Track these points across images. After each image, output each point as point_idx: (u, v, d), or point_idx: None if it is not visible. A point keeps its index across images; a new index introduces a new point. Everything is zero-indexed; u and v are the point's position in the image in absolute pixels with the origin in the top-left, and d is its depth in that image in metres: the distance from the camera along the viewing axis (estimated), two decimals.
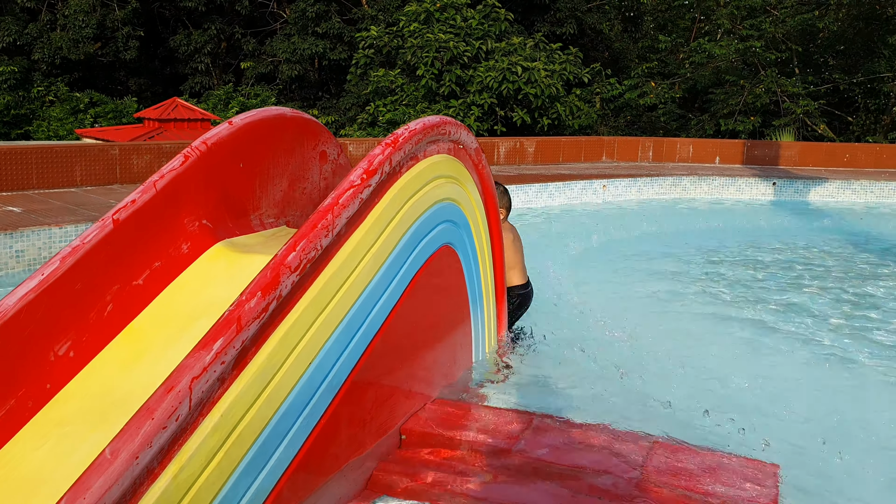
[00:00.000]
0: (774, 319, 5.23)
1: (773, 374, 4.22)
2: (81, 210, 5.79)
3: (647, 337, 4.66)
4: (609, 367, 4.14)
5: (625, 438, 3.01)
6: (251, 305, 2.21)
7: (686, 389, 3.95)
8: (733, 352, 4.62)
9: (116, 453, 1.84)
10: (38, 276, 2.45)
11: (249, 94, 21.09)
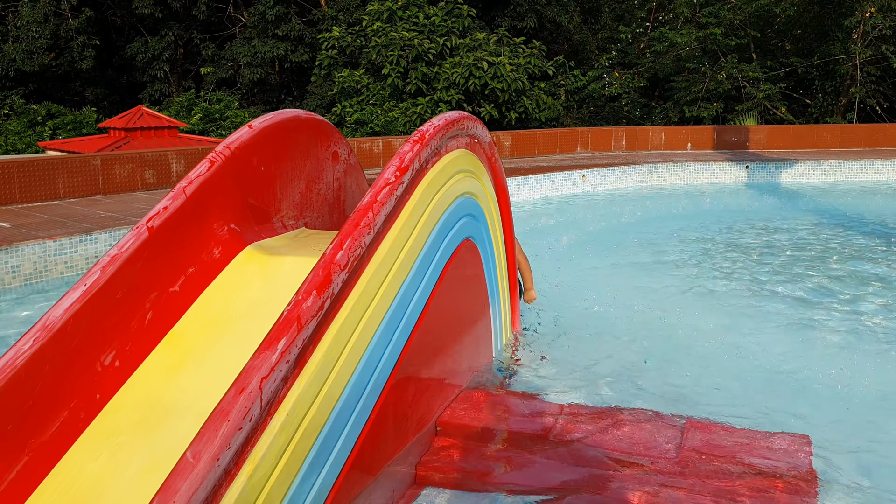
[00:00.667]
0: (777, 299, 5.37)
1: (787, 350, 4.34)
2: (71, 223, 5.71)
3: (656, 320, 4.76)
4: (618, 351, 4.23)
5: (656, 420, 3.08)
6: (308, 304, 2.23)
7: (697, 368, 4.06)
8: (733, 325, 4.74)
9: (198, 456, 1.85)
10: (80, 287, 2.44)
11: (212, 99, 20.85)
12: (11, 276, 4.98)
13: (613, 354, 4.22)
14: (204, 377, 2.54)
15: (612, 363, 4.09)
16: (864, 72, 17.16)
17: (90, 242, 5.37)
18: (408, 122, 16.86)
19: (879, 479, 2.90)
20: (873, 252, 6.70)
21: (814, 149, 11.84)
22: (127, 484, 2.23)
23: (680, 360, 4.17)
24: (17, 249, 4.99)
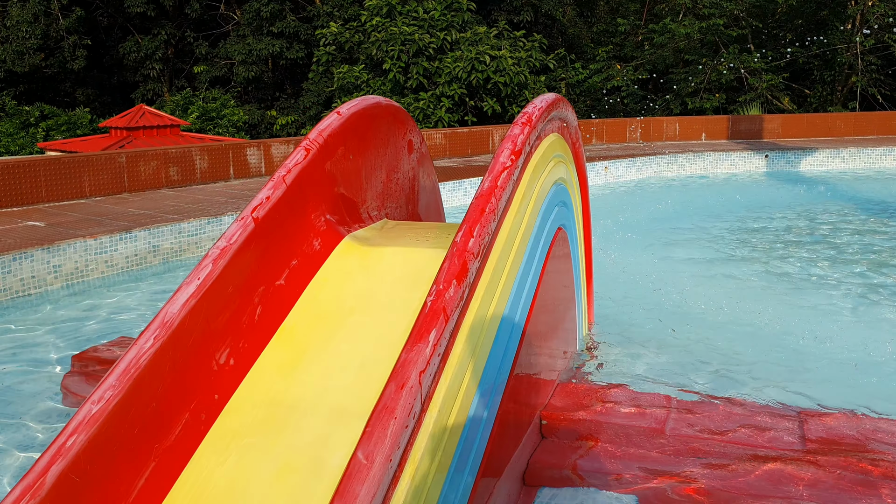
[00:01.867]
0: (833, 287, 5.29)
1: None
2: (107, 221, 5.55)
3: (715, 305, 4.67)
4: (689, 337, 4.14)
5: (771, 411, 2.98)
6: (450, 294, 2.11)
7: (761, 349, 3.99)
8: (797, 312, 4.65)
9: (371, 457, 1.72)
10: (194, 281, 2.30)
11: (207, 97, 20.60)
12: (53, 276, 4.82)
13: (682, 343, 4.13)
14: (323, 373, 2.40)
15: (681, 352, 4.00)
16: (865, 60, 17.19)
17: (130, 240, 5.21)
18: None
19: None
20: None
21: (829, 137, 11.81)
22: (261, 488, 2.09)
23: (746, 345, 4.11)
24: (58, 249, 4.82)
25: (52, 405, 3.41)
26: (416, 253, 2.84)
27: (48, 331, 4.24)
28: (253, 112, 22.05)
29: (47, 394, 3.51)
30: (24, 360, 3.88)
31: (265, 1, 21.04)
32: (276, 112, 22.95)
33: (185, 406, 2.23)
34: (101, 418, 1.95)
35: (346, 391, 2.33)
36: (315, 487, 2.07)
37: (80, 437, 1.91)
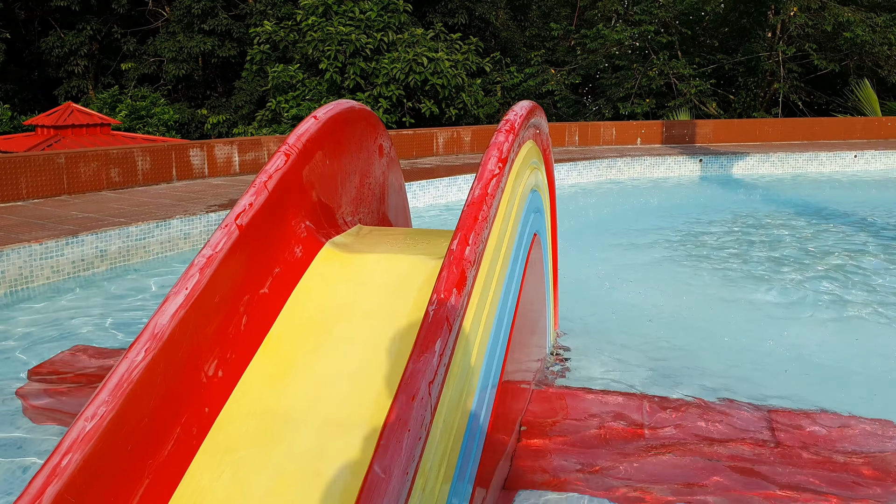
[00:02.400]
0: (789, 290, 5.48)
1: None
2: (50, 224, 5.33)
3: (670, 310, 4.79)
4: (646, 341, 4.24)
5: (738, 409, 3.07)
6: (452, 303, 2.11)
7: (717, 353, 4.12)
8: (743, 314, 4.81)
9: (389, 471, 1.71)
10: (182, 291, 2.24)
11: (136, 95, 20.01)
12: None
13: (637, 343, 4.23)
14: (313, 383, 2.37)
15: (636, 352, 4.10)
16: (787, 68, 17.89)
17: (77, 245, 5.02)
18: None
19: None
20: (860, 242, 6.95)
21: (758, 142, 12.24)
22: (259, 503, 2.05)
23: (692, 336, 4.26)
24: (1, 254, 4.61)
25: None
26: (397, 260, 2.82)
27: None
28: (183, 111, 21.52)
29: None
30: None
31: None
32: (207, 111, 22.46)
33: (177, 420, 2.16)
34: (96, 435, 1.88)
35: (339, 401, 2.30)
36: (314, 500, 2.03)
37: (74, 455, 1.83)
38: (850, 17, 16.42)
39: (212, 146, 7.88)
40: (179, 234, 5.73)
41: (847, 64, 17.46)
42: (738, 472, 2.72)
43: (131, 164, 7.06)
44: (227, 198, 6.65)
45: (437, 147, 10.55)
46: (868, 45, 16.46)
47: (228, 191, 7.08)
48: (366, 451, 2.13)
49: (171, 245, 5.70)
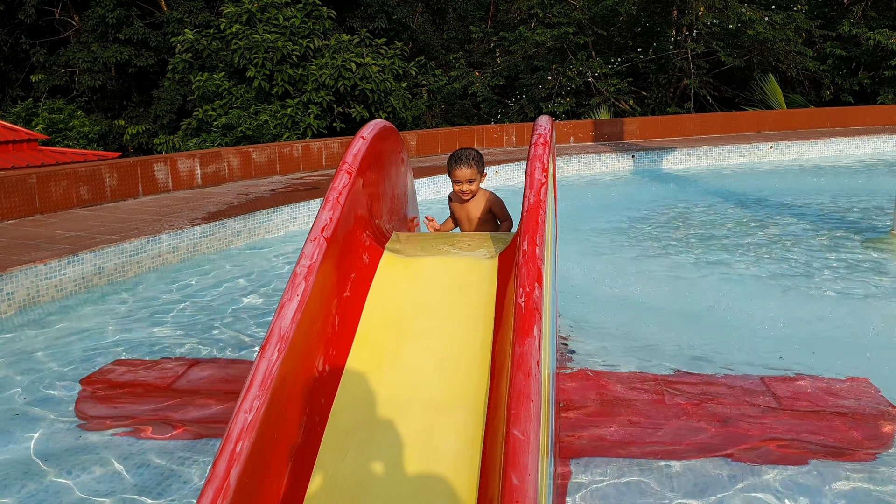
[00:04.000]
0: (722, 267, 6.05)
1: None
2: (44, 245, 5.41)
3: (636, 293, 5.29)
4: (630, 325, 4.72)
5: (739, 381, 3.55)
6: (537, 295, 2.48)
7: (683, 329, 4.64)
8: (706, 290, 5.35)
9: (526, 433, 2.07)
10: (294, 297, 2.53)
11: (52, 108, 19.45)
12: (7, 304, 4.70)
13: (610, 325, 4.70)
14: (405, 373, 2.69)
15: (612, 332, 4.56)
16: (696, 65, 18.94)
17: (77, 263, 5.14)
18: (279, 125, 16.67)
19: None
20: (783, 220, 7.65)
21: (681, 137, 13.05)
22: (385, 477, 2.37)
23: (693, 324, 4.75)
24: (10, 276, 4.71)
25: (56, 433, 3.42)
26: (451, 261, 3.18)
27: (11, 360, 4.18)
28: (100, 122, 21.04)
29: (54, 417, 3.51)
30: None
31: (110, 7, 20.14)
32: (125, 122, 22.02)
33: (304, 410, 2.47)
34: (257, 424, 2.17)
35: (433, 386, 2.64)
36: (435, 469, 2.37)
37: (245, 442, 2.12)
38: (751, 15, 17.55)
39: (175, 160, 7.97)
40: (169, 248, 5.88)
41: (751, 59, 18.63)
42: (748, 424, 3.19)
43: (100, 182, 7.11)
44: (205, 210, 6.81)
45: None
46: (769, 42, 17.63)
47: (200, 204, 7.21)
48: (468, 425, 2.48)
49: (162, 259, 5.85)
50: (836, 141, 12.54)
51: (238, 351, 4.34)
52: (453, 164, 4.03)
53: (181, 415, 3.42)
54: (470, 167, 4.00)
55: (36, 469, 3.07)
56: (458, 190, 4.06)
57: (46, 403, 3.66)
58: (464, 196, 4.06)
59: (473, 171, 4.02)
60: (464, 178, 4.01)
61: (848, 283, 5.42)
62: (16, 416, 3.54)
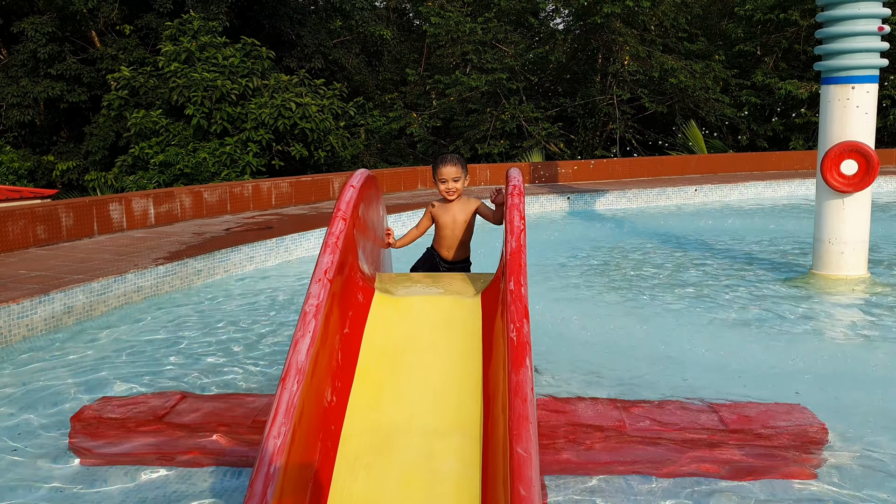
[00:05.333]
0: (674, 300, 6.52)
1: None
2: (10, 284, 5.48)
3: (577, 324, 5.69)
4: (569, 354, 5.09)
5: (691, 407, 3.94)
6: (526, 330, 2.81)
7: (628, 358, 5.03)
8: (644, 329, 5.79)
9: (528, 451, 2.38)
10: (307, 333, 2.79)
11: None
12: None
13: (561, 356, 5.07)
14: (404, 403, 2.98)
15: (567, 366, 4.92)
16: (621, 110, 19.87)
17: (48, 302, 5.23)
18: (217, 163, 16.71)
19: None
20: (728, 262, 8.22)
21: (612, 179, 13.71)
22: (393, 496, 2.63)
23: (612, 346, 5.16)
24: None
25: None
26: (437, 300, 3.49)
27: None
28: (29, 157, 20.62)
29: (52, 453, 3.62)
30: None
31: (42, 42, 19.89)
32: (55, 157, 21.63)
33: (318, 436, 2.72)
34: (285, 449, 2.42)
35: (430, 415, 2.92)
36: (438, 487, 2.65)
37: (276, 463, 2.37)
38: (672, 64, 18.59)
39: (129, 199, 8.05)
40: (134, 287, 6.00)
41: (673, 106, 19.67)
42: (699, 448, 3.57)
43: (56, 221, 7.16)
44: (165, 250, 6.93)
45: (332, 191, 11.11)
46: (690, 90, 18.68)
47: (158, 243, 7.33)
48: (466, 448, 2.78)
49: (127, 298, 5.96)
50: (754, 184, 13.41)
51: (213, 382, 4.53)
52: (440, 163, 4.25)
53: (176, 446, 3.60)
54: (455, 165, 4.24)
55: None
56: (444, 189, 4.27)
57: (38, 441, 3.78)
58: (450, 195, 4.27)
59: (459, 169, 4.25)
60: (450, 176, 4.23)
61: (773, 317, 5.94)
62: (13, 451, 3.65)
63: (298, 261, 7.92)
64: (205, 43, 17.80)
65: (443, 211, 4.38)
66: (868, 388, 4.42)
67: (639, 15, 18.98)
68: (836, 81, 6.57)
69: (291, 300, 6.44)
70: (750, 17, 19.91)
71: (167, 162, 16.71)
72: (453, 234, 4.39)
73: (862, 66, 6.46)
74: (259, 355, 5.05)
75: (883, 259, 7.95)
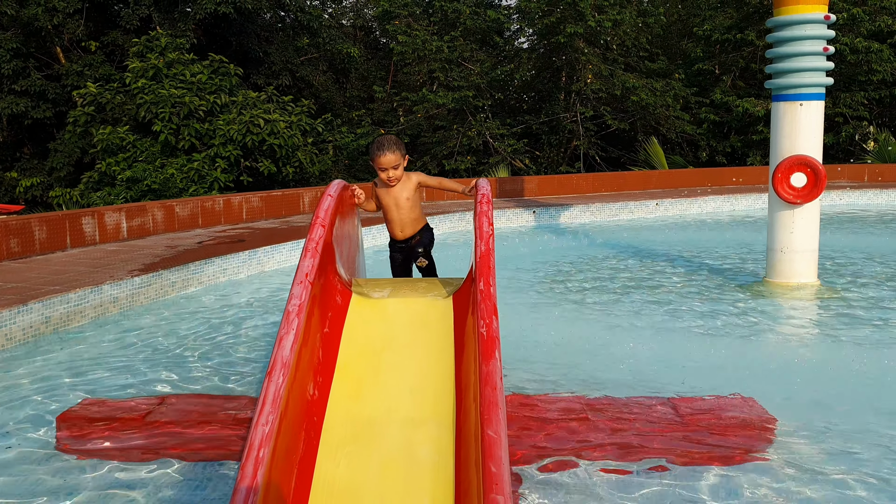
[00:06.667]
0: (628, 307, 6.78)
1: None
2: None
3: (551, 333, 5.93)
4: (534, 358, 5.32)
5: (650, 402, 4.18)
6: (495, 325, 3.03)
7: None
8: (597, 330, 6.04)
9: (497, 433, 2.58)
10: (291, 331, 2.98)
11: None
12: None
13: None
14: (382, 397, 3.17)
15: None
16: (585, 127, 20.31)
17: (27, 312, 5.33)
18: (185, 178, 16.75)
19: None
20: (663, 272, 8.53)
21: (575, 194, 14.06)
22: (373, 481, 2.82)
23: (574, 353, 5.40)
24: None
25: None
26: (412, 302, 3.69)
27: None
28: None
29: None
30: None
31: (7, 58, 19.81)
32: (18, 174, 21.46)
33: (301, 427, 2.90)
34: (272, 436, 2.60)
35: (407, 407, 3.12)
36: (415, 472, 2.85)
37: (265, 449, 2.55)
38: (634, 82, 19.08)
39: (101, 213, 8.15)
40: (110, 298, 6.12)
41: (635, 123, 20.16)
42: (657, 437, 3.81)
43: (29, 235, 7.24)
44: (140, 262, 7.04)
45: (303, 206, 11.26)
46: (651, 107, 19.17)
47: (132, 256, 7.43)
48: (441, 436, 2.97)
49: (103, 309, 6.07)
50: (713, 199, 13.84)
51: (191, 389, 4.67)
52: (376, 151, 4.21)
53: (160, 443, 3.74)
54: (393, 152, 4.22)
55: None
56: (385, 178, 4.30)
57: (26, 438, 3.90)
58: (391, 182, 4.32)
59: (397, 155, 4.24)
60: (389, 164, 4.23)
61: (727, 321, 6.23)
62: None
63: (271, 272, 8.08)
64: (172, 60, 17.89)
65: (384, 193, 4.45)
66: (813, 383, 4.72)
67: (601, 35, 19.47)
68: (786, 98, 6.94)
69: (265, 310, 6.60)
70: (708, 37, 20.51)
71: (134, 178, 16.72)
72: (399, 214, 4.49)
73: (809, 84, 6.83)
74: (235, 362, 5.20)
75: (835, 268, 8.32)
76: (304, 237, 8.70)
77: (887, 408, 4.28)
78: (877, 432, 3.94)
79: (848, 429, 3.99)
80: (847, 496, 3.28)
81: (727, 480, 3.46)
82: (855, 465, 3.55)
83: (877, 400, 4.42)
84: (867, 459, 3.62)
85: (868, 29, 19.14)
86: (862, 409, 4.27)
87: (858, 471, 3.49)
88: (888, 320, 6.15)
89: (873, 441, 3.83)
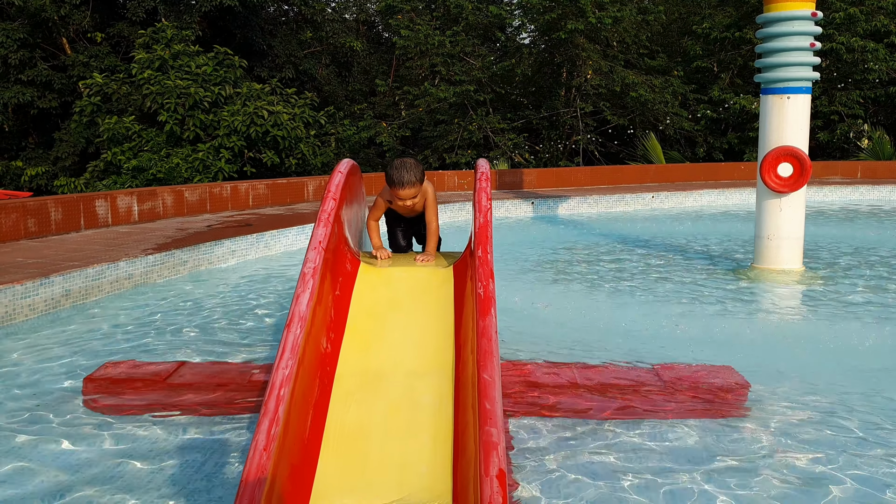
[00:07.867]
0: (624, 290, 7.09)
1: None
2: (11, 269, 5.88)
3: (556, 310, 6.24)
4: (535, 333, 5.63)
5: (635, 370, 4.49)
6: (491, 287, 3.34)
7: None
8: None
9: (492, 376, 2.88)
10: (307, 289, 3.28)
11: None
12: None
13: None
14: (389, 351, 3.48)
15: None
16: (584, 122, 20.60)
17: (49, 285, 5.63)
18: (190, 168, 17.04)
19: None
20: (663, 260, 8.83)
21: (573, 187, 14.36)
22: (381, 423, 3.12)
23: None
24: None
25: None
26: (416, 270, 4.00)
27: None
28: None
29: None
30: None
31: (14, 48, 20.08)
32: (23, 163, 21.74)
33: (316, 376, 3.21)
34: (292, 378, 2.90)
35: (411, 359, 3.43)
36: (418, 416, 3.15)
37: (286, 389, 2.84)
38: (633, 79, 19.37)
39: (114, 197, 8.45)
40: (125, 274, 6.42)
41: (633, 118, 20.45)
42: (646, 397, 4.12)
43: (45, 215, 7.53)
44: (153, 242, 7.35)
45: (307, 193, 11.57)
46: (650, 103, 19.46)
47: (144, 237, 7.74)
48: (442, 385, 3.28)
49: (119, 285, 6.37)
50: (708, 192, 14.14)
51: (204, 359, 4.98)
52: (397, 184, 4.16)
53: (181, 401, 4.05)
54: (413, 187, 4.21)
55: (69, 456, 3.63)
56: (401, 206, 4.34)
57: (53, 398, 4.21)
58: (408, 207, 4.38)
59: (416, 188, 4.24)
60: (408, 197, 4.25)
61: (714, 301, 6.55)
62: (34, 409, 4.07)
63: (278, 255, 8.39)
64: (178, 51, 18.17)
65: (399, 206, 4.49)
66: (791, 356, 5.04)
67: (601, 31, 19.75)
68: (774, 92, 7.24)
69: (272, 289, 6.90)
70: (707, 35, 20.79)
71: (140, 167, 17.01)
72: (411, 212, 4.59)
73: (796, 78, 7.13)
74: (245, 333, 5.50)
75: (821, 256, 8.63)
76: (308, 223, 9.01)
77: (854, 373, 4.60)
78: (843, 392, 4.26)
79: (818, 392, 4.31)
80: (815, 449, 3.58)
81: (705, 432, 3.77)
82: (823, 421, 3.86)
83: (845, 367, 4.74)
84: (834, 415, 3.94)
85: (864, 28, 19.43)
86: (832, 374, 4.60)
87: (827, 426, 3.81)
88: (864, 303, 6.46)
89: (839, 400, 4.15)
